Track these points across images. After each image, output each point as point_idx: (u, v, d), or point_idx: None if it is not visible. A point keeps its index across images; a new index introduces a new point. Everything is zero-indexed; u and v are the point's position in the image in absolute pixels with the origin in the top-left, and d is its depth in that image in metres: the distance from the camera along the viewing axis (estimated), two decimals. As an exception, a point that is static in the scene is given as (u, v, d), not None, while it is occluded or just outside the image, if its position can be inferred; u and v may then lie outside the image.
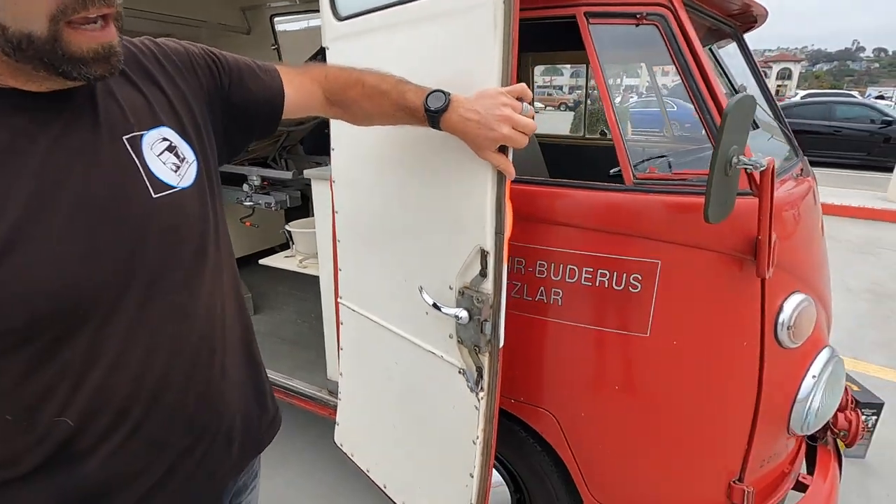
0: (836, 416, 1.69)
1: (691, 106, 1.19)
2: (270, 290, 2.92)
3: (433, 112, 0.86)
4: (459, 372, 1.18)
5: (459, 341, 1.14)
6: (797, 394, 1.30)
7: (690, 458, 1.32)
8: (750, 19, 1.62)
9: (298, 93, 0.91)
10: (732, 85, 1.37)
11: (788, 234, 1.26)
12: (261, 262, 2.42)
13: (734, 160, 0.94)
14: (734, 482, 1.33)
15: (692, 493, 1.36)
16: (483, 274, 1.08)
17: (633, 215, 1.19)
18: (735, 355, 1.23)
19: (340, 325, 1.60)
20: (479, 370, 1.15)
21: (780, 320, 1.22)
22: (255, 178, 2.49)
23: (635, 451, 1.33)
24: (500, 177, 1.01)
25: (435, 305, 1.15)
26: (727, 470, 1.32)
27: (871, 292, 4.38)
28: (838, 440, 1.68)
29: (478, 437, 1.18)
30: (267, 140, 2.71)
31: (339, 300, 1.58)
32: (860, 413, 1.68)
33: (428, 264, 1.21)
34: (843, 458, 1.68)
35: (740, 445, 1.30)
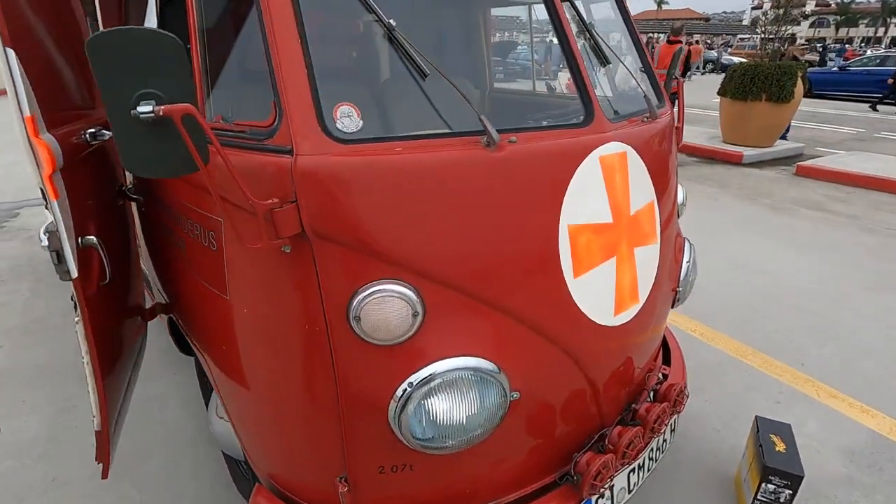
0: (584, 455, 1.34)
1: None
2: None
3: None
4: (71, 299, 1.29)
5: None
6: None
7: (291, 442, 1.22)
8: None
9: None
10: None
11: (392, 209, 1.01)
12: None
13: (140, 106, 0.81)
14: (339, 479, 1.20)
15: (304, 478, 1.26)
16: (47, 207, 1.14)
17: (196, 166, 1.10)
18: (300, 336, 1.07)
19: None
20: (73, 297, 1.24)
21: (349, 309, 1.03)
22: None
23: (254, 421, 1.29)
24: (22, 119, 1.05)
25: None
26: (330, 463, 1.19)
27: None
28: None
29: (83, 358, 1.28)
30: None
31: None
32: (611, 457, 1.29)
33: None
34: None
35: (333, 440, 1.15)
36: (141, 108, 0.80)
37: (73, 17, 1.51)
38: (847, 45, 31.31)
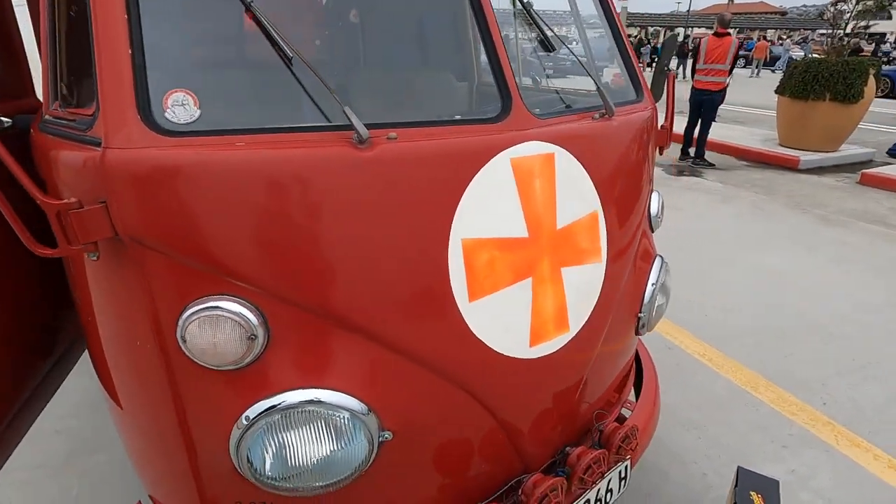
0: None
1: None
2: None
3: None
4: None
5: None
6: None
7: (155, 464, 1.11)
8: None
9: None
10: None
11: (227, 214, 0.86)
12: None
13: None
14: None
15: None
16: None
17: (37, 159, 1.00)
18: (135, 354, 0.95)
19: None
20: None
21: (177, 328, 0.89)
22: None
23: (125, 435, 1.18)
24: None
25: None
26: (191, 494, 1.07)
27: None
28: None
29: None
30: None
31: None
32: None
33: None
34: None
35: (182, 465, 1.03)
36: None
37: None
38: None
